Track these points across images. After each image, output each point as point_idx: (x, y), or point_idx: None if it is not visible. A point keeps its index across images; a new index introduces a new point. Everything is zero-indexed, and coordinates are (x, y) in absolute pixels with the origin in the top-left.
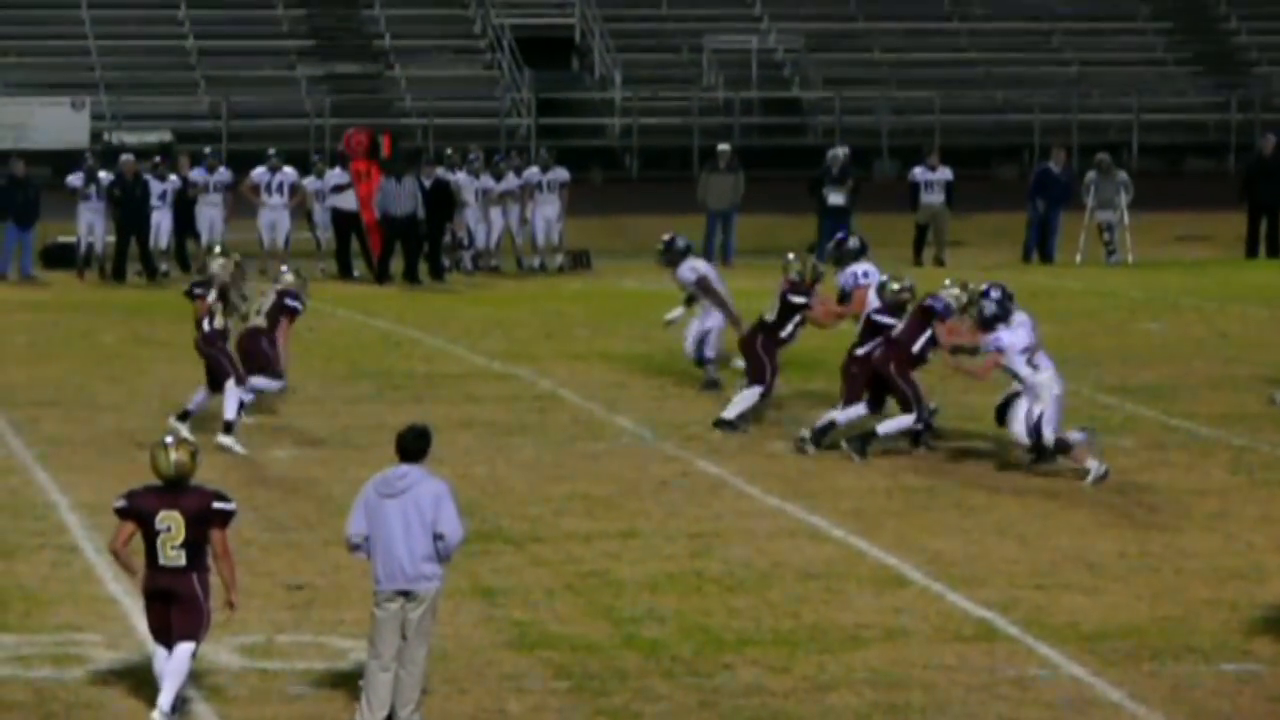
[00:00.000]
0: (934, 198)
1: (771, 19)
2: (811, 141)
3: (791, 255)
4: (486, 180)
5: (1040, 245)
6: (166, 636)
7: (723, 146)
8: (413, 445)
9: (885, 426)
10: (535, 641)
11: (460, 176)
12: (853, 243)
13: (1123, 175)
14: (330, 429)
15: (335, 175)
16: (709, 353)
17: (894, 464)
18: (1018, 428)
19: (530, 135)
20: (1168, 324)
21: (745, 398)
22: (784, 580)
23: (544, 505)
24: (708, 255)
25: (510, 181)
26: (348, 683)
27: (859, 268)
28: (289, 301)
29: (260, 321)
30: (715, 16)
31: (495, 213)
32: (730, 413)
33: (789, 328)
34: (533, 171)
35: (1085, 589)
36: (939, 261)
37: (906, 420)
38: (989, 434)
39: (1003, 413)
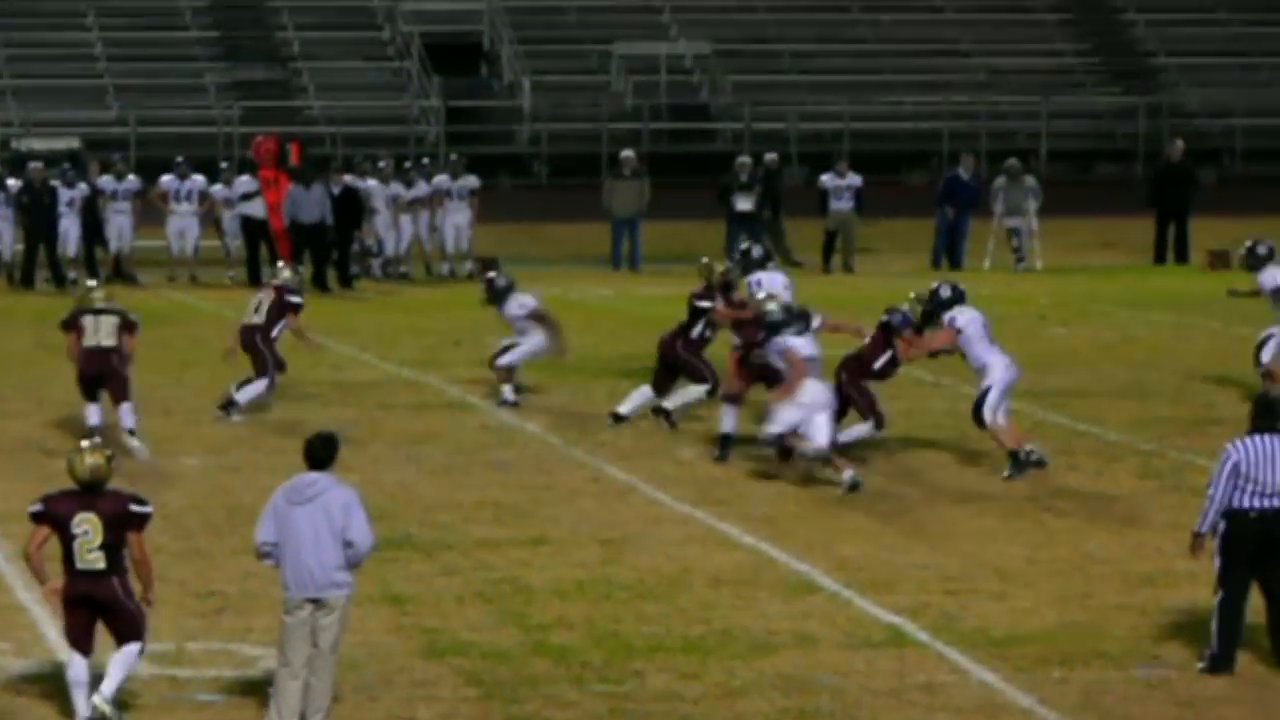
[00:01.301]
0: (843, 204)
1: (680, 26)
2: (720, 148)
3: (705, 259)
4: (396, 187)
5: (949, 251)
6: (85, 644)
7: (627, 153)
8: (320, 452)
9: (846, 436)
10: (445, 649)
11: (370, 184)
12: (756, 252)
13: (1031, 181)
14: (239, 436)
15: (244, 182)
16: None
17: (804, 471)
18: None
19: (439, 142)
20: (1076, 330)
21: (690, 394)
22: (694, 586)
23: (454, 512)
24: (615, 262)
25: (420, 189)
26: (257, 690)
27: (755, 277)
28: (289, 298)
29: (258, 319)
30: (624, 24)
31: (405, 220)
32: (670, 403)
33: (697, 329)
34: (442, 179)
35: (994, 594)
36: (848, 268)
37: (865, 428)
38: (896, 439)
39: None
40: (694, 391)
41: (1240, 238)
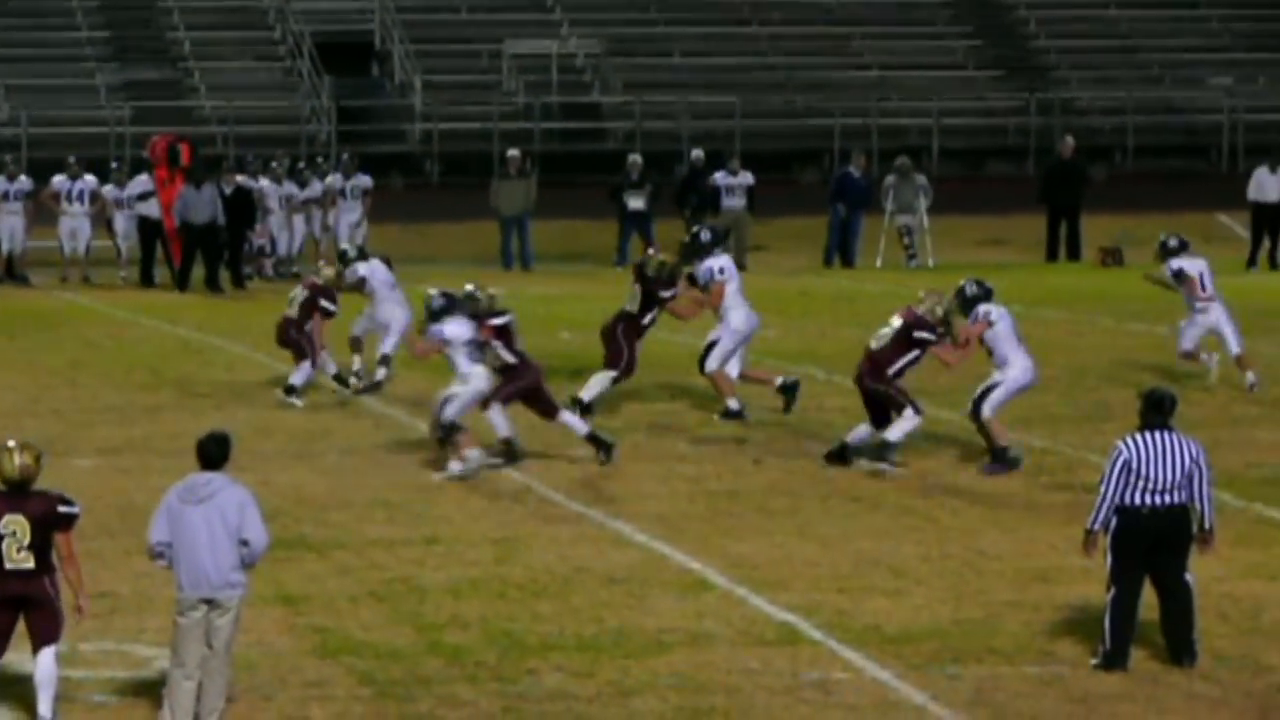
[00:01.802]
0: (735, 202)
1: (571, 24)
2: (612, 146)
3: (651, 251)
4: (290, 187)
5: (841, 249)
6: (3, 643)
7: (512, 152)
8: (214, 452)
9: (893, 433)
10: (339, 648)
11: (263, 184)
12: (704, 235)
13: (922, 179)
14: (131, 437)
15: (141, 182)
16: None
17: (697, 469)
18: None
19: (330, 142)
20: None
21: (599, 380)
22: (587, 585)
23: (347, 512)
24: (505, 261)
25: (313, 188)
26: (151, 691)
27: (715, 262)
28: (323, 303)
29: (292, 312)
30: (515, 22)
31: (298, 219)
32: (586, 394)
33: (649, 316)
34: (335, 178)
35: (888, 592)
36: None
37: (911, 419)
38: (788, 437)
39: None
40: (603, 378)
41: (1132, 234)
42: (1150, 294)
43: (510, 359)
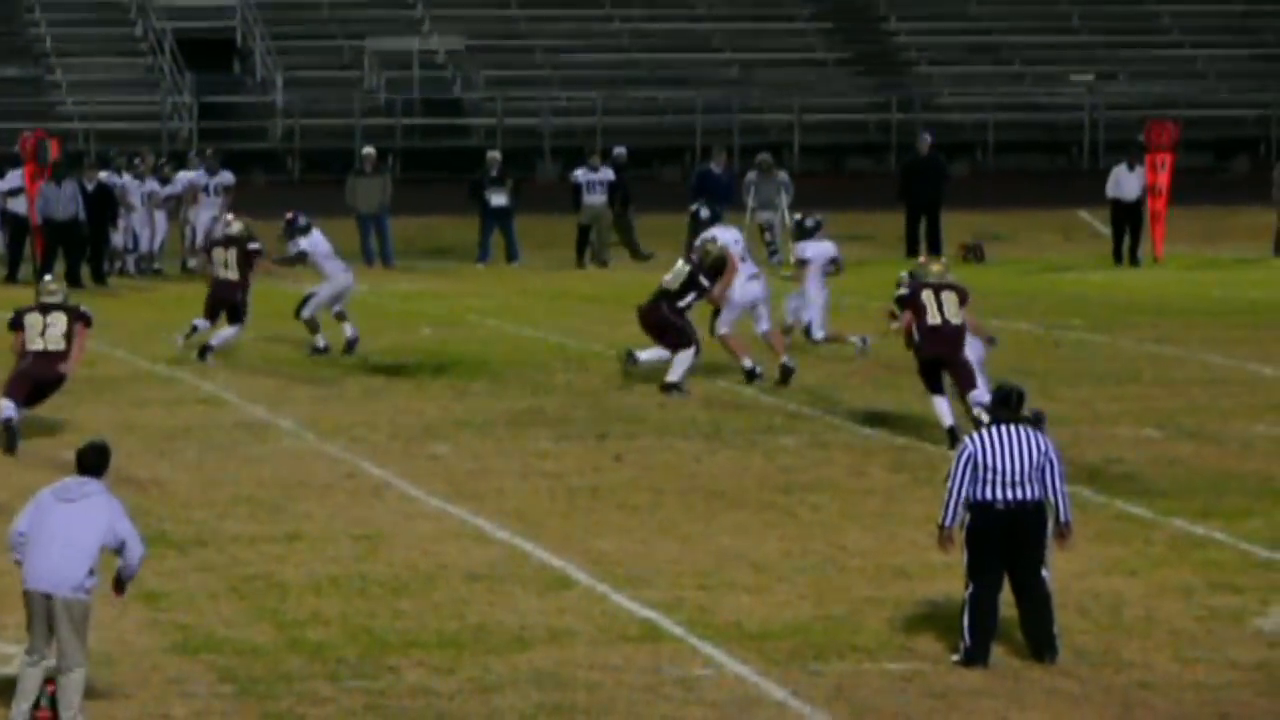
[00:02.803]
0: (596, 199)
1: (433, 21)
2: (474, 143)
3: (713, 235)
4: (152, 183)
5: None
6: None
7: (367, 150)
8: (93, 461)
9: (976, 398)
10: (200, 645)
11: (125, 180)
12: (703, 213)
13: (783, 175)
14: None
15: (13, 178)
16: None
17: (559, 465)
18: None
19: (192, 138)
20: (832, 323)
21: (682, 360)
22: (449, 582)
23: (208, 509)
24: (366, 258)
25: (176, 185)
26: (11, 686)
27: (724, 235)
28: (251, 246)
29: (230, 274)
30: (376, 19)
31: (160, 216)
32: (674, 376)
33: (687, 300)
34: (198, 174)
35: (749, 588)
36: (601, 262)
37: (979, 389)
38: (649, 433)
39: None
40: (685, 358)
41: (993, 230)
42: (1012, 289)
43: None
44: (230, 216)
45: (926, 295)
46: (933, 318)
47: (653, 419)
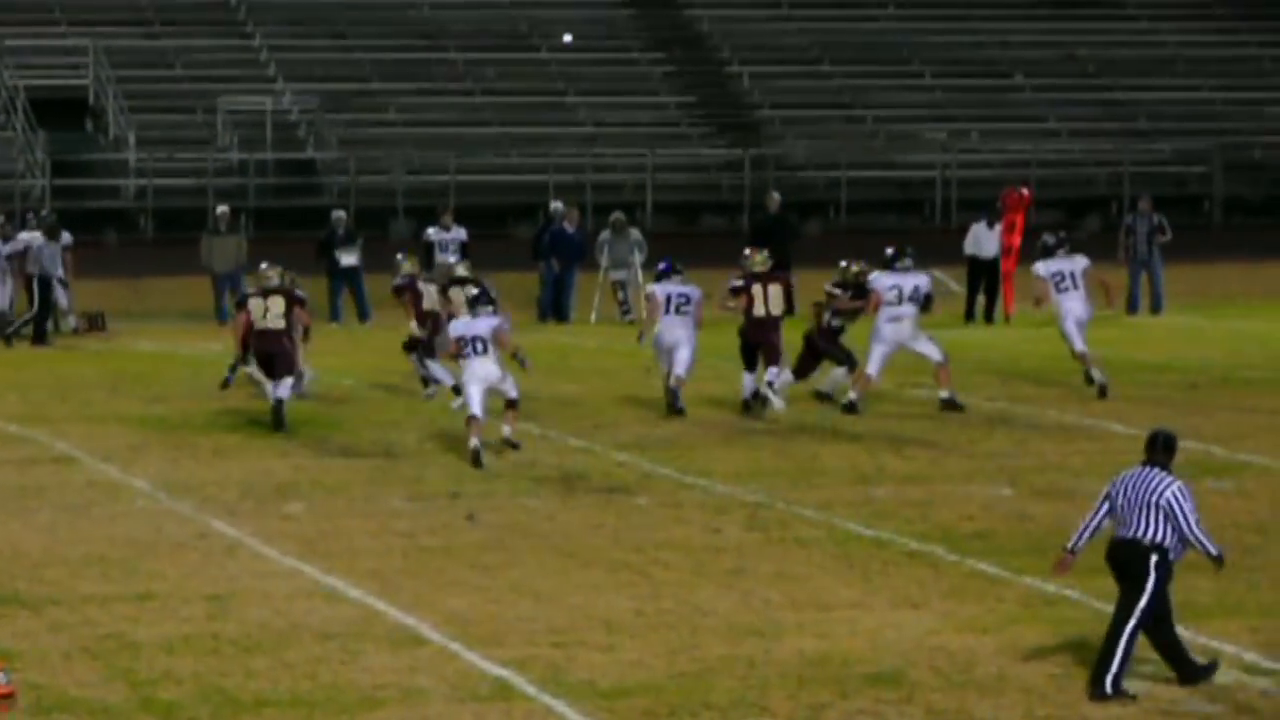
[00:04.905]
0: (448, 257)
1: (286, 79)
2: (327, 201)
3: (844, 263)
4: None
5: (555, 304)
6: None
7: (222, 209)
8: None
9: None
10: (52, 705)
11: None
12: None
13: (636, 234)
14: None
15: None
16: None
17: (411, 524)
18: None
19: (45, 197)
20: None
21: (838, 376)
22: (301, 641)
23: (61, 568)
24: (220, 316)
25: (16, 243)
26: None
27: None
28: (299, 293)
29: (276, 324)
30: (230, 77)
31: (5, 276)
32: (852, 394)
33: (825, 318)
34: (36, 235)
35: (602, 646)
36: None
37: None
38: (502, 492)
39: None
40: (840, 375)
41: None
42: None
43: None
44: (265, 265)
45: (756, 289)
46: (759, 310)
47: (505, 477)
